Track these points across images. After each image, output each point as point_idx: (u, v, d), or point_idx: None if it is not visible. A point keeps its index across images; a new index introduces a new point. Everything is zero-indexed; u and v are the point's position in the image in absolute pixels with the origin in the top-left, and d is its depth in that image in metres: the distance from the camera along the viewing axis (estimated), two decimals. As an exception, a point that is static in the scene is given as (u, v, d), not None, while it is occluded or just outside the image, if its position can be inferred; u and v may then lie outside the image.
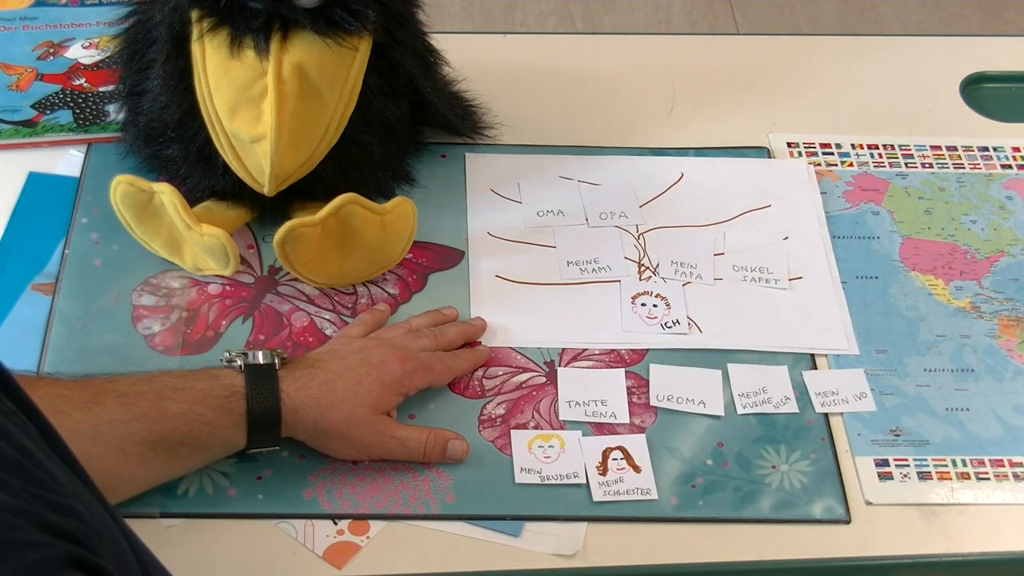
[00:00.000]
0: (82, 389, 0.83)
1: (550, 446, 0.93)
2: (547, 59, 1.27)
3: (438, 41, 1.08)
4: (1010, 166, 1.19)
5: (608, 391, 0.97)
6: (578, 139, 1.17)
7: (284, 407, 0.86)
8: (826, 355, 1.01)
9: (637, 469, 0.91)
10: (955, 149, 1.19)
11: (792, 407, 0.97)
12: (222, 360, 0.89)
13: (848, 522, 0.91)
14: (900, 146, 1.19)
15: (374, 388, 0.89)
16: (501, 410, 0.95)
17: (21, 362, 0.94)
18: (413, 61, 1.03)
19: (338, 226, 0.98)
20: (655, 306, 1.03)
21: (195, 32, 0.95)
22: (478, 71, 1.16)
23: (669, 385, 0.97)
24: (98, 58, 1.19)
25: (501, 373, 0.98)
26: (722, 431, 0.95)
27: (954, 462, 0.95)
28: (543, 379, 0.98)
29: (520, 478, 0.91)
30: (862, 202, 1.14)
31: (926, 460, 0.95)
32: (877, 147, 1.19)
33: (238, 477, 0.89)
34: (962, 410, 0.99)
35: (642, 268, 1.06)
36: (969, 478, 0.94)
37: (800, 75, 1.27)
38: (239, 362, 0.87)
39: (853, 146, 1.19)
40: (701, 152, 1.17)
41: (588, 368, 0.98)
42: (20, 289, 1.00)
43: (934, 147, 1.19)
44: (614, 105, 1.22)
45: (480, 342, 1.00)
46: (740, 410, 0.96)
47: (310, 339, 0.98)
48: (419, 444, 0.90)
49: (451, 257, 1.06)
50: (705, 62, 1.28)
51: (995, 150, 1.20)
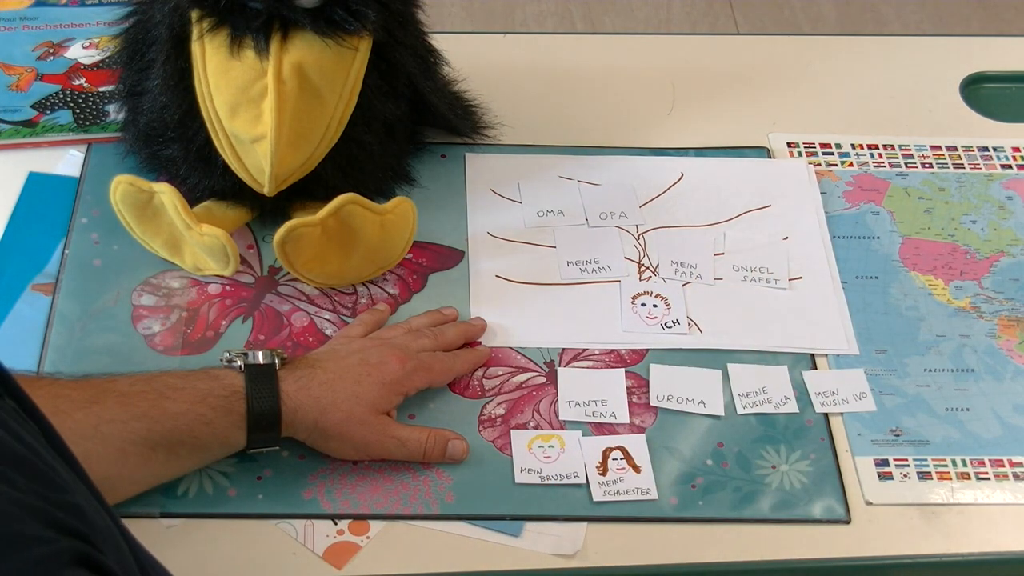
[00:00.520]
0: (82, 389, 0.83)
1: (550, 446, 0.93)
2: (547, 59, 1.27)
3: (438, 41, 1.08)
4: (1010, 166, 1.19)
5: (608, 391, 0.97)
6: (578, 139, 1.17)
7: (284, 407, 0.86)
8: (826, 355, 1.01)
9: (637, 469, 0.91)
10: (955, 149, 1.19)
11: (792, 407, 0.97)
12: (222, 360, 0.89)
13: (848, 522, 0.91)
14: (900, 146, 1.19)
15: (374, 388, 0.89)
16: (501, 410, 0.95)
17: (21, 362, 0.94)
18: (413, 61, 1.03)
19: (338, 226, 0.98)
20: (655, 306, 1.03)
21: (195, 32, 0.95)
22: (478, 71, 1.16)
23: (669, 385, 0.97)
24: (98, 58, 1.19)
25: (501, 373, 0.98)
26: (722, 431, 0.95)
27: (954, 462, 0.95)
28: (543, 379, 0.98)
29: (520, 478, 0.91)
30: (862, 202, 1.14)
31: (926, 460, 0.95)
32: (877, 147, 1.19)
33: (238, 477, 0.89)
34: (962, 410, 0.99)
35: (642, 268, 1.06)
36: (969, 478, 0.94)
37: (800, 75, 1.27)
38: (239, 362, 0.87)
39: (853, 146, 1.19)
40: (701, 152, 1.17)
41: (588, 368, 0.98)
42: (20, 289, 1.00)
43: (934, 147, 1.19)
44: (614, 105, 1.22)
45: (480, 342, 1.00)
46: (740, 410, 0.96)
47: (310, 339, 0.98)
48: (419, 444, 0.90)
49: (451, 257, 1.06)
50: (705, 62, 1.28)
51: (995, 150, 1.20)
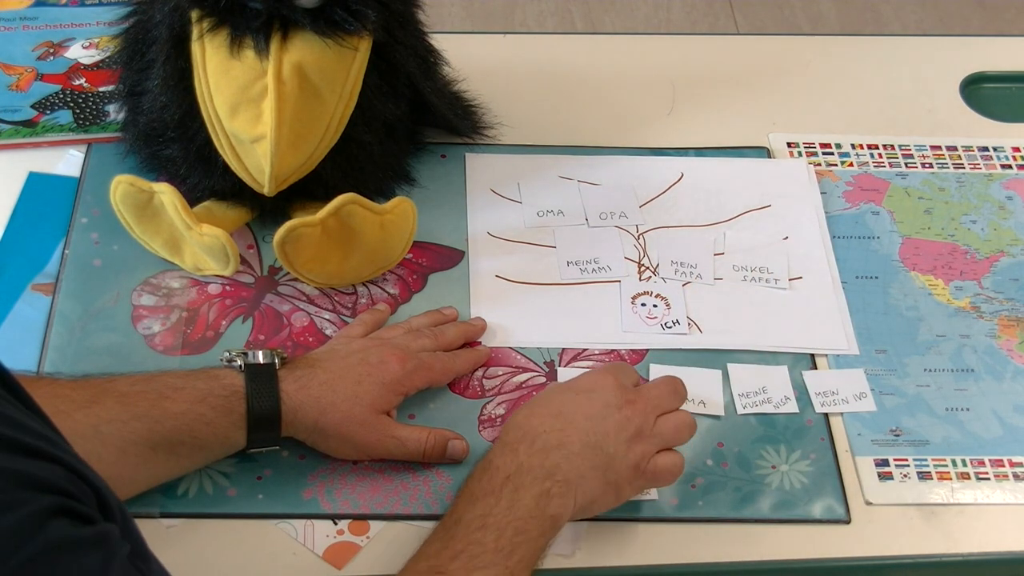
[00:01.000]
0: (82, 389, 0.83)
1: (550, 446, 0.93)
2: (547, 59, 1.27)
3: (438, 41, 1.08)
4: (1010, 166, 1.19)
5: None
6: (578, 139, 1.17)
7: (284, 407, 0.86)
8: (826, 355, 1.01)
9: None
10: (955, 149, 1.20)
11: (792, 407, 0.97)
12: (222, 360, 0.89)
13: (848, 522, 0.91)
14: (900, 146, 1.19)
15: (374, 388, 0.89)
16: (501, 410, 0.95)
17: (21, 362, 0.94)
18: (413, 61, 1.03)
19: (338, 226, 0.98)
20: (655, 306, 1.03)
21: (195, 32, 0.95)
22: (478, 71, 1.16)
23: (669, 385, 0.97)
24: (98, 58, 1.19)
25: (501, 373, 0.98)
26: (722, 431, 0.95)
27: (954, 462, 0.95)
28: (543, 379, 0.98)
29: (520, 478, 0.91)
30: (862, 202, 1.14)
31: (926, 460, 0.95)
32: (877, 147, 1.19)
33: (238, 477, 0.89)
34: (962, 410, 0.99)
35: (642, 268, 1.06)
36: (969, 478, 0.94)
37: (800, 75, 1.27)
38: (239, 362, 0.87)
39: (853, 146, 1.19)
40: (701, 152, 1.17)
41: (588, 368, 0.98)
42: (20, 289, 1.00)
43: (934, 147, 1.19)
44: (614, 105, 1.22)
45: (480, 342, 1.00)
46: (740, 410, 0.97)
47: (310, 339, 0.98)
48: (419, 444, 0.90)
49: (451, 257, 1.06)
50: (705, 62, 1.28)
51: (995, 150, 1.20)
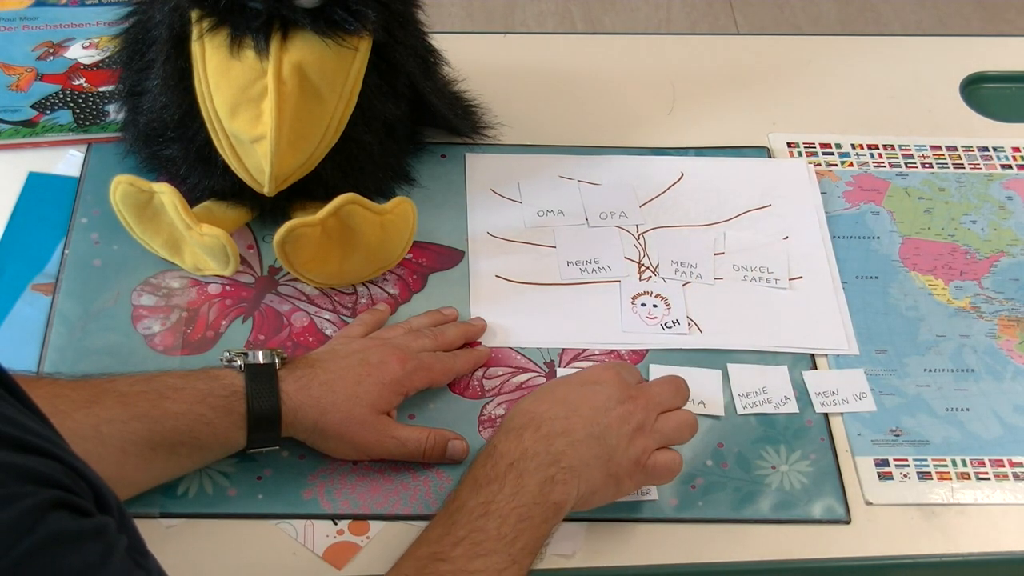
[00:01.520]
0: (82, 389, 0.83)
1: (550, 446, 0.93)
2: (547, 59, 1.27)
3: (438, 41, 1.08)
4: (1010, 166, 1.19)
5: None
6: (578, 139, 1.17)
7: (284, 407, 0.86)
8: (826, 355, 1.01)
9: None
10: (955, 149, 1.20)
11: (792, 407, 0.97)
12: (222, 360, 0.89)
13: (848, 522, 0.91)
14: (900, 146, 1.19)
15: (374, 388, 0.89)
16: (501, 410, 0.95)
17: (21, 362, 0.94)
18: (413, 61, 1.03)
19: (338, 226, 0.98)
20: (655, 306, 1.03)
21: (195, 32, 0.95)
22: (478, 71, 1.16)
23: (669, 385, 0.97)
24: (98, 58, 1.19)
25: (501, 373, 0.98)
26: (722, 431, 0.95)
27: (954, 462, 0.95)
28: (543, 379, 0.98)
29: (520, 478, 0.91)
30: (862, 202, 1.14)
31: (926, 460, 0.95)
32: (877, 147, 1.19)
33: (238, 477, 0.89)
34: (962, 410, 0.99)
35: (642, 268, 1.06)
36: (969, 478, 0.94)
37: (800, 75, 1.27)
38: (239, 362, 0.87)
39: (853, 146, 1.19)
40: (701, 152, 1.17)
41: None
42: (20, 289, 1.00)
43: (934, 147, 1.19)
44: (614, 105, 1.22)
45: (480, 342, 1.00)
46: (740, 410, 0.97)
47: (310, 339, 0.98)
48: (419, 444, 0.90)
49: (451, 257, 1.06)
50: (705, 62, 1.28)
51: (995, 150, 1.20)
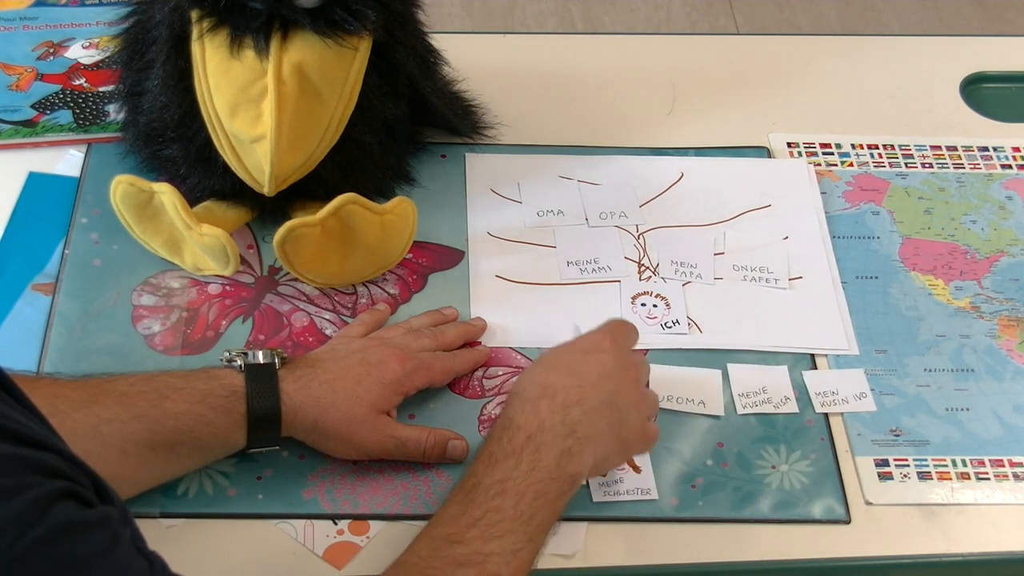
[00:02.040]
0: (82, 389, 0.83)
1: (550, 446, 0.93)
2: (547, 59, 1.27)
3: (438, 41, 1.08)
4: (1010, 166, 1.19)
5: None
6: (578, 139, 1.17)
7: (284, 407, 0.86)
8: (826, 355, 1.01)
9: (637, 469, 0.91)
10: (955, 149, 1.20)
11: (792, 407, 0.97)
12: (222, 360, 0.89)
13: (848, 522, 0.91)
14: (900, 146, 1.19)
15: (374, 388, 0.89)
16: (501, 410, 0.95)
17: (21, 362, 0.94)
18: (413, 61, 1.03)
19: (338, 226, 0.98)
20: (655, 306, 1.03)
21: (195, 32, 0.95)
22: (478, 71, 1.16)
23: (669, 385, 0.97)
24: (98, 58, 1.19)
25: (501, 373, 0.98)
26: (722, 431, 0.95)
27: (954, 462, 0.95)
28: (543, 379, 0.98)
29: (520, 478, 0.91)
30: (862, 202, 1.14)
31: (926, 460, 0.95)
32: (877, 147, 1.19)
33: (238, 477, 0.89)
34: (962, 410, 0.99)
35: (642, 268, 1.06)
36: (969, 478, 0.94)
37: (800, 75, 1.27)
38: (239, 362, 0.87)
39: (853, 146, 1.19)
40: (701, 152, 1.17)
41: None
42: (20, 289, 1.00)
43: (934, 147, 1.19)
44: (614, 105, 1.22)
45: (480, 342, 0.99)
46: (740, 410, 0.97)
47: (310, 339, 0.98)
48: (419, 444, 0.90)
49: (451, 257, 1.06)
50: (705, 62, 1.28)
51: (995, 150, 1.20)
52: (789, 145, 1.18)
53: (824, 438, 0.95)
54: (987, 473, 0.95)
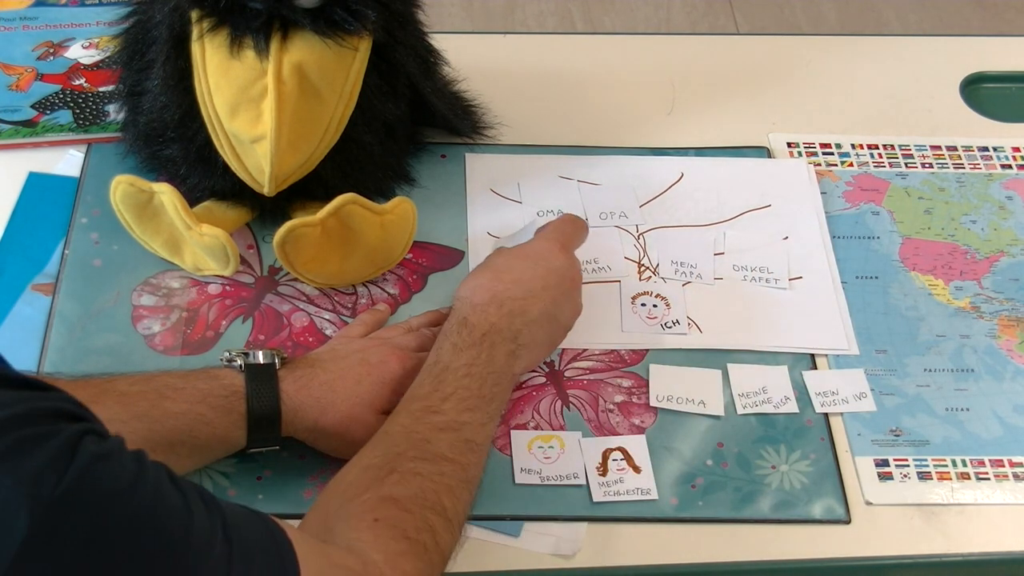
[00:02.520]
0: (81, 389, 0.83)
1: (550, 447, 0.93)
2: (547, 59, 1.27)
3: (438, 41, 1.08)
4: (1010, 166, 1.19)
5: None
6: (578, 139, 1.17)
7: (284, 407, 0.86)
8: (826, 355, 1.01)
9: (637, 469, 0.91)
10: (955, 149, 1.20)
11: (792, 407, 0.97)
12: (222, 360, 0.89)
13: (848, 522, 0.91)
14: (900, 146, 1.19)
15: (374, 388, 0.89)
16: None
17: (21, 362, 0.94)
18: (413, 61, 1.03)
19: (338, 226, 0.98)
20: (655, 306, 1.03)
21: (195, 32, 0.95)
22: (478, 71, 1.16)
23: (669, 385, 0.97)
24: (98, 58, 1.19)
25: (501, 373, 0.98)
26: (722, 431, 0.95)
27: (954, 462, 0.95)
28: (543, 379, 0.98)
29: (520, 478, 0.91)
30: (862, 202, 1.14)
31: (926, 460, 0.95)
32: (877, 147, 1.19)
33: (238, 477, 0.89)
34: (962, 410, 0.99)
35: (642, 268, 1.06)
36: (969, 478, 0.94)
37: (800, 75, 1.27)
38: (239, 362, 0.87)
39: (853, 146, 1.19)
40: (701, 152, 1.17)
41: (589, 368, 0.98)
42: (20, 289, 1.00)
43: (934, 147, 1.19)
44: (614, 105, 1.22)
45: (480, 342, 1.00)
46: (740, 410, 0.97)
47: (310, 339, 0.98)
48: (418, 444, 0.90)
49: (451, 257, 1.06)
50: (705, 62, 1.28)
51: (995, 150, 1.20)
52: (789, 145, 1.18)
53: (824, 438, 0.95)
54: (987, 473, 0.95)
